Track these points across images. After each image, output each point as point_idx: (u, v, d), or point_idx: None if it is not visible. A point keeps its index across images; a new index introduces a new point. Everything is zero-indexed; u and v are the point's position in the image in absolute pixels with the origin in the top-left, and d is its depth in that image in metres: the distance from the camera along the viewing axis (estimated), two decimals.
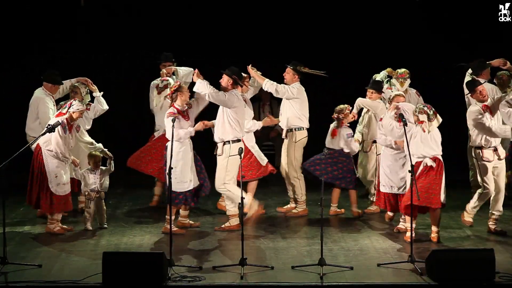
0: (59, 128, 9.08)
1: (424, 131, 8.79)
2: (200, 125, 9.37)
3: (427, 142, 8.81)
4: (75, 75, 10.39)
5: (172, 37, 12.74)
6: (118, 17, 12.96)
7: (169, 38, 12.64)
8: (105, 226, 9.58)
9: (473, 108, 9.14)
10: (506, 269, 7.80)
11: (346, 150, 10.10)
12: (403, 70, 10.54)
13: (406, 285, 7.63)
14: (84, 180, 9.51)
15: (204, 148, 9.85)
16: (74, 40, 12.88)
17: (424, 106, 8.90)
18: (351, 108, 10.16)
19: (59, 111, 9.38)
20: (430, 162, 8.76)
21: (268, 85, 10.04)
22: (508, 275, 7.65)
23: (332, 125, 10.20)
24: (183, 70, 10.45)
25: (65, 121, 9.17)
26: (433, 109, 8.89)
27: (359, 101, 10.20)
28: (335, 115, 10.13)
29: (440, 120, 8.94)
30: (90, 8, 12.92)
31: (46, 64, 10.68)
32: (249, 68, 10.04)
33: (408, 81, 10.53)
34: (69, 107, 9.25)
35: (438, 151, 8.86)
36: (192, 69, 10.07)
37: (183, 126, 9.21)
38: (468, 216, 9.37)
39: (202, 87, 9.21)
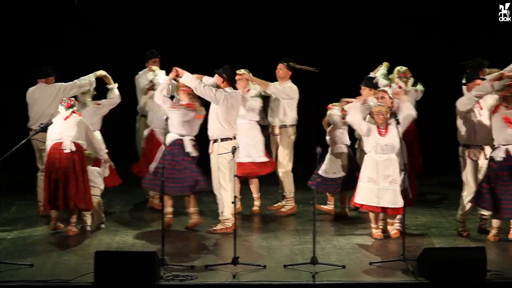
0: (91, 127, 9.23)
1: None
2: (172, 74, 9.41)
3: None
4: (67, 75, 10.40)
5: (164, 35, 12.76)
6: (112, 15, 12.97)
7: (161, 37, 12.66)
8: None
9: (461, 98, 9.09)
10: (497, 267, 7.83)
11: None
12: (404, 68, 10.49)
13: (398, 284, 7.64)
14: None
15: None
16: (68, 39, 12.88)
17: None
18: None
19: (72, 110, 9.28)
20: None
21: (273, 90, 10.05)
22: (499, 273, 7.68)
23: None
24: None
25: None
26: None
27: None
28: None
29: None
30: (84, 6, 12.94)
31: (39, 63, 10.67)
32: (249, 76, 10.01)
33: (412, 79, 10.51)
34: (75, 105, 9.33)
35: None
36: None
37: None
38: (460, 227, 9.25)
39: (190, 80, 9.25)
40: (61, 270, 7.89)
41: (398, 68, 10.53)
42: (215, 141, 9.34)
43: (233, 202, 8.36)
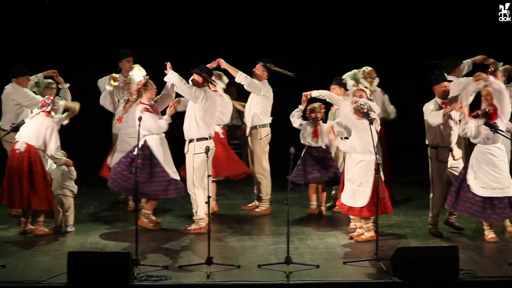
0: (55, 127, 9.10)
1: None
2: (171, 109, 9.37)
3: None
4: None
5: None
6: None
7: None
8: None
9: (429, 102, 9.18)
10: (469, 266, 7.90)
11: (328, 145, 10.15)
12: (370, 69, 10.53)
13: (372, 283, 7.68)
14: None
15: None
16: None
17: (365, 103, 8.98)
18: (324, 106, 10.21)
19: (42, 110, 9.23)
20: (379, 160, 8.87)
21: (242, 78, 10.04)
22: (472, 272, 7.75)
23: (308, 126, 10.18)
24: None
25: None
26: (373, 108, 8.98)
27: (325, 92, 10.12)
28: (311, 115, 10.12)
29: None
30: (55, 6, 12.89)
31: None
32: (221, 60, 9.96)
33: (377, 80, 10.54)
34: (52, 105, 9.23)
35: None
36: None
37: (154, 119, 9.23)
38: (434, 228, 9.35)
39: (172, 77, 9.24)
40: (34, 271, 7.83)
41: (363, 68, 10.58)
42: (191, 140, 9.34)
43: (206, 202, 8.35)
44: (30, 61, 11.33)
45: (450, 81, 9.53)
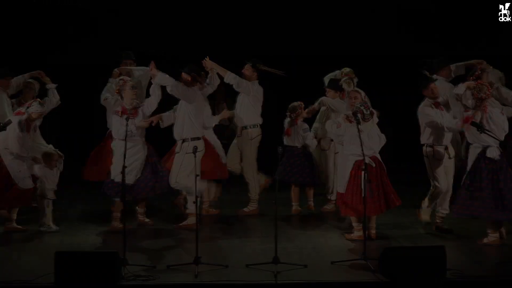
0: (17, 127, 9.02)
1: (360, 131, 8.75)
2: (142, 123, 9.30)
3: (365, 141, 8.80)
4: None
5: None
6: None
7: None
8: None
9: (424, 105, 9.24)
10: (457, 265, 7.93)
11: (304, 144, 10.14)
12: (348, 69, 10.56)
13: (360, 283, 7.70)
14: (47, 178, 9.39)
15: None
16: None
17: (361, 105, 8.96)
18: (303, 106, 10.22)
19: (18, 110, 9.23)
20: (368, 161, 8.86)
21: (231, 78, 10.00)
22: (459, 272, 7.78)
23: (286, 123, 10.25)
24: (138, 70, 10.38)
25: (23, 120, 9.09)
26: (370, 109, 8.98)
27: (325, 99, 10.19)
28: (288, 114, 10.19)
29: (376, 120, 9.09)
30: (43, 4, 12.86)
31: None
32: (208, 60, 9.93)
33: (356, 80, 10.57)
34: (29, 107, 9.17)
35: (376, 150, 8.96)
36: (148, 68, 10.10)
37: (123, 124, 9.13)
38: (425, 214, 9.43)
39: (164, 79, 9.19)
40: (21, 271, 7.80)
41: (342, 69, 10.60)
42: (185, 140, 9.32)
43: (194, 202, 8.35)
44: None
45: (435, 80, 9.56)
